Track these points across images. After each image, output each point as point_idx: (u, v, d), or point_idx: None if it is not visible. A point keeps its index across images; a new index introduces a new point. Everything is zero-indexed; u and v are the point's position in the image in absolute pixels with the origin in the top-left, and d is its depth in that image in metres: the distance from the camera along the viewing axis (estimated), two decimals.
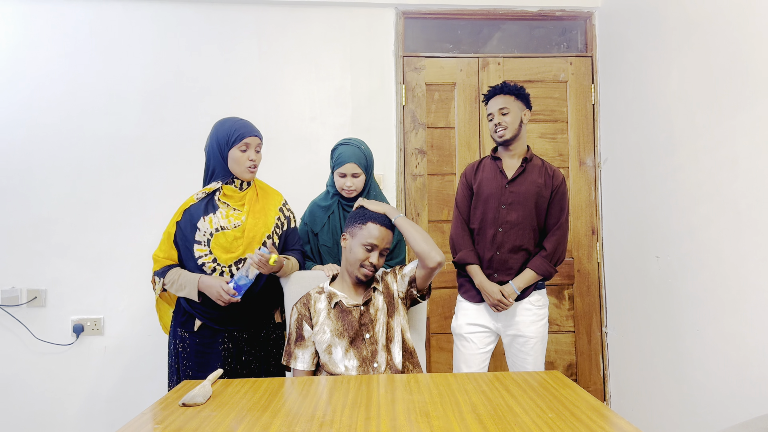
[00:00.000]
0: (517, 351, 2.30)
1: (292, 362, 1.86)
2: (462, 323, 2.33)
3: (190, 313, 2.04)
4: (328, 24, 3.11)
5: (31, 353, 2.90)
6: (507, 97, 2.30)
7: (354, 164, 2.19)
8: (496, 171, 2.34)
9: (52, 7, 2.97)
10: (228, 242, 2.01)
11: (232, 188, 2.06)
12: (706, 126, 2.24)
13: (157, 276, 2.04)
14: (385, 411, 1.31)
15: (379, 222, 1.89)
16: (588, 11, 3.23)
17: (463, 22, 3.27)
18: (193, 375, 2.01)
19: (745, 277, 2.03)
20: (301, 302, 1.92)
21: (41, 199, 2.92)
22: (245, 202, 2.08)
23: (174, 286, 1.99)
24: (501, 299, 2.21)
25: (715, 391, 2.18)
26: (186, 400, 1.39)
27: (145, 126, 2.99)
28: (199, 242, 2.00)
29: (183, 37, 3.04)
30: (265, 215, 2.11)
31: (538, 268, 2.25)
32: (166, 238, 2.05)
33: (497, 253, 2.29)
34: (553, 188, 2.30)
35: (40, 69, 2.96)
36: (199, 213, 2.02)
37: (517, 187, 2.28)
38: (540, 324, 2.30)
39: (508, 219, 2.27)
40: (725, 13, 2.13)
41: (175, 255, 2.05)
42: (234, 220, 2.03)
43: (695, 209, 2.30)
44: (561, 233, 2.30)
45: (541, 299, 2.33)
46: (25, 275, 2.90)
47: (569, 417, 1.25)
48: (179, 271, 2.01)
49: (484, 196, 2.32)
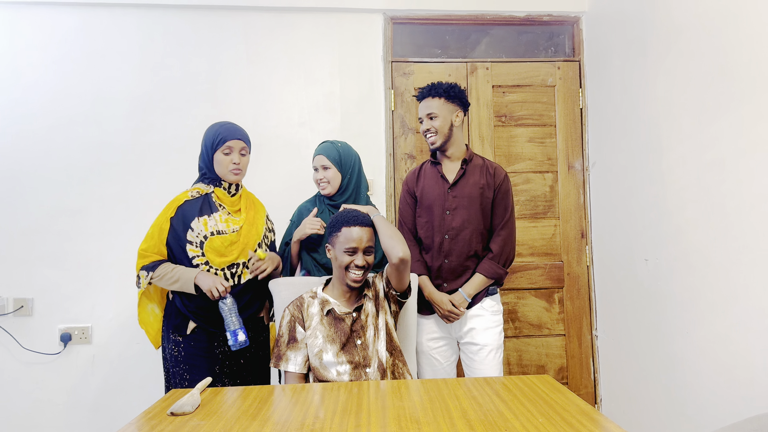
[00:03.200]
0: (469, 360, 2.21)
1: (282, 364, 1.83)
2: (422, 340, 2.24)
3: (184, 315, 2.01)
4: (316, 30, 3.11)
5: (18, 363, 2.86)
6: (436, 100, 2.19)
7: (322, 156, 2.21)
8: (437, 176, 2.25)
9: (39, 14, 2.96)
10: (223, 247, 2.01)
11: (222, 191, 2.08)
12: (692, 129, 2.26)
13: (145, 270, 1.99)
14: (375, 418, 1.30)
15: (352, 223, 1.86)
16: (575, 16, 3.26)
17: (451, 27, 3.28)
18: (189, 379, 1.98)
19: (733, 279, 2.04)
20: (294, 305, 1.91)
21: (28, 207, 2.90)
22: (240, 208, 2.12)
23: (165, 279, 1.96)
24: (452, 309, 2.13)
25: (705, 393, 2.19)
26: (174, 409, 1.37)
27: (132, 133, 2.97)
28: (190, 242, 1.99)
29: (170, 43, 3.03)
30: (257, 224, 2.14)
31: (487, 272, 2.16)
32: (158, 233, 2.01)
33: (445, 261, 2.20)
34: (496, 187, 2.21)
35: (27, 76, 2.94)
36: (194, 212, 2.01)
37: (459, 190, 2.20)
38: (494, 331, 2.20)
39: (453, 225, 2.19)
40: (710, 18, 2.15)
41: (164, 251, 2.02)
42: (233, 225, 2.06)
43: (683, 212, 2.32)
44: (507, 233, 2.21)
45: (495, 305, 2.24)
46: (12, 284, 2.87)
47: (560, 421, 1.25)
48: (172, 265, 1.99)
49: (427, 203, 2.23)
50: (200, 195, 2.06)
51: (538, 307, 3.17)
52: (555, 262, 3.19)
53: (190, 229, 1.99)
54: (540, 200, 3.19)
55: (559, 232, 3.20)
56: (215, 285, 1.90)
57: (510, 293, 3.14)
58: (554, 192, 3.21)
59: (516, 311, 3.15)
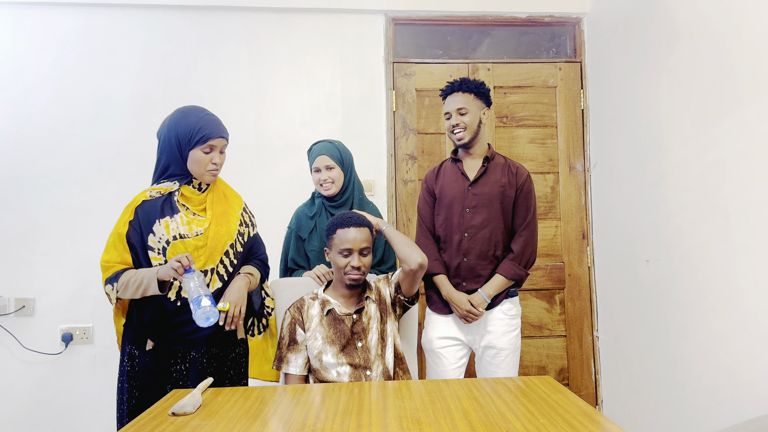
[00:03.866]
0: (487, 363, 2.18)
1: (284, 367, 1.84)
2: (432, 338, 2.20)
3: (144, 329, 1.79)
4: (317, 30, 3.12)
5: (20, 362, 2.86)
6: (466, 96, 2.16)
7: (326, 156, 2.20)
8: (457, 173, 2.22)
9: (41, 15, 2.96)
10: (188, 252, 1.73)
11: (190, 189, 1.82)
12: (693, 130, 2.26)
13: (109, 283, 1.72)
14: (376, 419, 1.30)
15: (346, 225, 1.85)
16: (576, 17, 3.26)
17: (452, 28, 3.28)
18: (140, 396, 1.76)
19: (734, 280, 2.04)
20: (295, 306, 1.91)
21: (29, 207, 2.90)
22: (206, 206, 1.84)
23: (130, 287, 1.68)
24: (470, 309, 2.09)
25: (706, 394, 2.19)
26: (176, 409, 1.37)
27: (133, 133, 2.98)
28: (152, 248, 1.74)
29: (171, 44, 3.03)
30: (228, 221, 1.87)
31: (508, 273, 2.13)
32: (117, 239, 1.74)
33: (464, 260, 2.16)
34: (518, 186, 2.18)
35: (28, 76, 2.94)
36: (155, 214, 1.75)
37: (480, 188, 2.17)
38: (512, 335, 2.17)
39: (473, 223, 2.15)
40: (711, 18, 2.15)
41: (129, 258, 1.75)
42: (196, 227, 1.78)
43: (684, 213, 2.32)
44: (529, 233, 2.17)
45: (514, 308, 2.20)
46: (13, 284, 2.87)
47: (561, 422, 1.25)
48: (134, 270, 1.73)
49: (446, 200, 2.20)
50: (161, 194, 1.78)
51: (539, 308, 3.17)
52: (556, 263, 3.19)
53: (151, 233, 1.73)
54: (541, 201, 3.19)
55: (560, 233, 3.20)
56: (173, 261, 1.61)
57: None
58: (555, 193, 3.21)
59: None
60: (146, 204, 1.76)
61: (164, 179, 1.80)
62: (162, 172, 1.80)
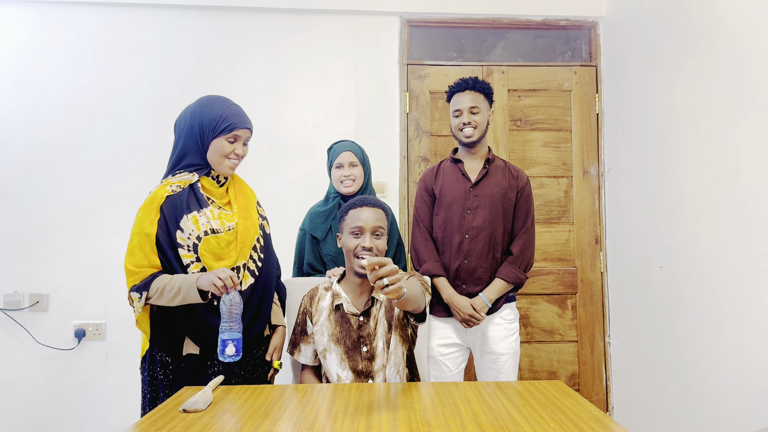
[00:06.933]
0: (487, 369, 2.19)
1: (296, 354, 1.85)
2: (433, 345, 2.18)
3: (180, 334, 1.70)
4: (332, 31, 3.13)
5: (33, 357, 2.89)
6: (478, 95, 2.15)
7: (350, 152, 2.21)
8: (458, 174, 2.21)
9: (58, 13, 3.00)
10: (220, 248, 1.68)
11: (210, 181, 1.75)
12: (709, 136, 2.24)
13: (137, 291, 1.61)
14: (386, 420, 1.30)
15: (359, 205, 1.76)
16: (593, 21, 3.24)
17: (467, 30, 3.28)
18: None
19: (748, 287, 2.02)
20: (308, 295, 1.88)
21: (44, 204, 2.93)
22: (230, 200, 1.79)
23: (165, 295, 1.59)
24: (473, 314, 2.08)
25: (719, 402, 2.16)
26: (186, 406, 1.38)
27: (148, 132, 3.00)
28: (181, 246, 1.65)
29: (188, 43, 3.06)
30: (251, 216, 1.82)
31: (508, 276, 2.13)
32: (145, 240, 1.63)
33: (464, 262, 2.15)
34: (518, 190, 2.19)
35: (45, 74, 2.98)
36: (181, 209, 1.66)
37: (482, 190, 2.16)
38: (511, 339, 2.18)
39: (474, 224, 2.15)
40: (729, 23, 2.13)
41: (157, 260, 1.64)
42: (227, 221, 1.72)
43: (699, 219, 2.30)
44: (528, 237, 2.18)
45: (512, 313, 2.22)
46: (28, 279, 2.91)
47: (572, 427, 1.24)
48: (168, 276, 1.63)
49: (447, 201, 2.19)
50: (183, 188, 1.69)
51: (551, 313, 3.15)
52: (568, 267, 3.17)
53: (179, 230, 1.64)
54: (554, 205, 3.17)
55: (573, 238, 3.18)
56: (216, 275, 1.53)
57: (522, 298, 3.12)
58: (569, 197, 3.19)
59: (528, 316, 3.13)
60: (171, 200, 1.66)
61: (179, 170, 1.73)
62: (177, 161, 1.73)
